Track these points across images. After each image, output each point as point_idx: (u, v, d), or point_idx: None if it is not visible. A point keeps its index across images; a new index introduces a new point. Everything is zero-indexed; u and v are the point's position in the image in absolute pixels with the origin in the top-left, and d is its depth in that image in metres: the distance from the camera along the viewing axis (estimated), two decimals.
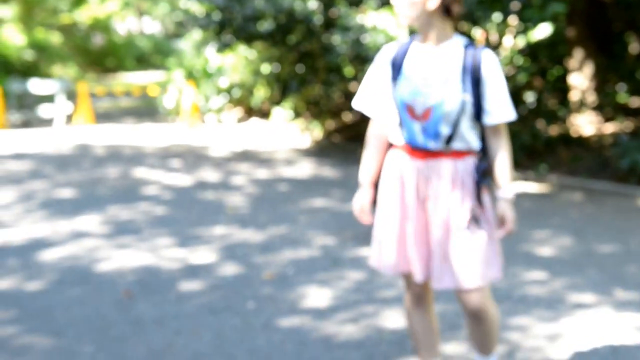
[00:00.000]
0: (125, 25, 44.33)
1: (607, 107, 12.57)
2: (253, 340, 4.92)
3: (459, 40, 3.42)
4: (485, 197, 3.44)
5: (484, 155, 3.48)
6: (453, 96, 3.30)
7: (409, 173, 3.43)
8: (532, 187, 10.32)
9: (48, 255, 6.90)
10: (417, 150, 3.40)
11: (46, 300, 5.72)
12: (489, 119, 3.39)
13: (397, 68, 3.41)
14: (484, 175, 3.43)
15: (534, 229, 7.82)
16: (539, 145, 11.53)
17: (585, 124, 12.55)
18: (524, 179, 10.73)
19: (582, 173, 10.71)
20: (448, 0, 3.27)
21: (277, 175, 11.34)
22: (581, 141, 11.98)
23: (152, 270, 6.47)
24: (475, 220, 3.42)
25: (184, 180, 10.86)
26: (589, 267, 6.55)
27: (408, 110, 3.35)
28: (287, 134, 15.94)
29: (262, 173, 11.51)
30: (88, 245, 7.23)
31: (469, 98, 3.32)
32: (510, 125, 10.91)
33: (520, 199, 9.27)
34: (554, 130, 12.17)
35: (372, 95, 3.53)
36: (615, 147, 10.49)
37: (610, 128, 12.23)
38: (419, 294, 3.66)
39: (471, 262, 3.44)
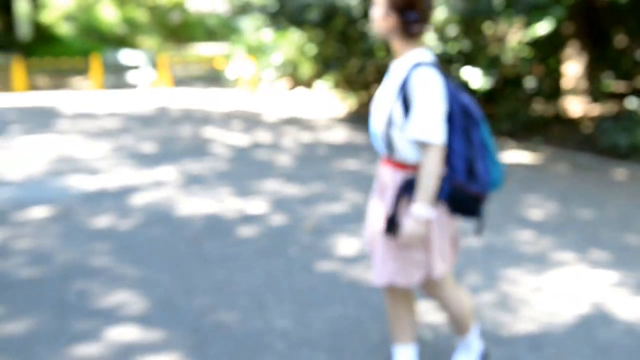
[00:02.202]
0: (198, 4, 44.04)
1: (595, 92, 12.49)
2: (294, 280, 5.02)
3: (414, 59, 3.10)
4: (403, 209, 3.16)
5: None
6: (381, 112, 3.19)
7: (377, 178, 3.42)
8: (527, 157, 10.25)
9: (135, 200, 7.04)
10: (382, 157, 3.34)
11: (134, 237, 5.87)
12: (407, 133, 3.08)
13: None
14: (405, 188, 3.15)
15: (526, 194, 7.82)
16: (535, 122, 11.54)
17: (576, 106, 12.49)
18: (522, 149, 10.75)
19: (570, 148, 10.66)
20: (405, 22, 3.07)
21: (317, 139, 11.33)
22: (571, 121, 11.91)
23: (216, 216, 6.57)
24: (389, 226, 3.17)
25: (242, 140, 10.89)
26: (570, 230, 6.55)
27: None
28: (327, 103, 15.94)
29: (305, 136, 11.52)
30: (166, 193, 7.37)
31: (398, 113, 3.09)
32: (512, 104, 10.98)
33: (516, 168, 9.34)
34: (548, 110, 12.15)
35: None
36: (599, 128, 10.46)
37: (596, 110, 12.14)
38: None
39: (381, 261, 3.29)
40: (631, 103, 10.69)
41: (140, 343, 3.98)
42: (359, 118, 13.34)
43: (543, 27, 9.72)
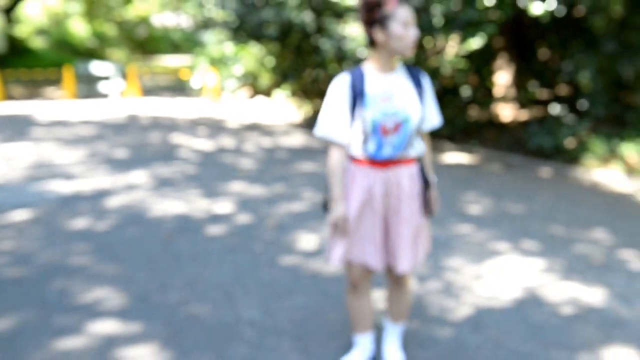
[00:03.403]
0: (162, 19, 43.75)
1: (523, 100, 12.66)
2: (260, 274, 5.02)
3: (401, 66, 3.20)
4: (426, 194, 3.30)
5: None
6: (417, 111, 3.11)
7: (375, 183, 3.18)
8: (465, 158, 10.39)
9: (110, 202, 6.95)
10: (379, 162, 3.15)
11: (110, 237, 5.81)
12: (426, 126, 3.27)
13: (360, 94, 3.09)
14: (424, 176, 3.30)
15: (464, 192, 7.92)
16: (471, 126, 11.67)
17: (506, 112, 12.65)
18: (459, 151, 10.87)
19: (502, 149, 10.79)
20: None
21: (277, 143, 11.29)
22: (502, 125, 12.05)
23: (186, 216, 6.53)
24: (429, 211, 3.32)
25: (207, 145, 10.82)
26: (504, 222, 6.66)
27: (381, 129, 3.06)
28: (284, 110, 15.91)
29: (266, 141, 11.47)
30: (139, 195, 7.29)
31: (423, 111, 3.17)
32: (451, 111, 11.08)
33: (455, 168, 9.43)
34: (483, 116, 12.29)
35: (336, 121, 3.16)
36: (527, 131, 10.61)
37: (524, 115, 12.30)
38: (363, 280, 3.42)
39: (421, 245, 3.35)
40: (554, 109, 10.86)
41: (120, 335, 3.96)
42: (313, 123, 13.31)
43: (476, 42, 9.85)
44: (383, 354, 3.70)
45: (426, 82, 3.25)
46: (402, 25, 2.99)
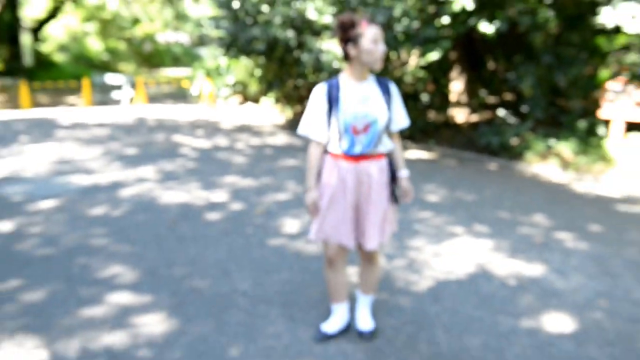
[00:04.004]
0: (165, 37, 43.45)
1: (474, 104, 12.71)
2: (251, 253, 5.02)
3: (372, 77, 3.27)
4: (393, 185, 3.37)
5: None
6: (384, 114, 3.19)
7: (347, 174, 3.23)
8: (425, 155, 10.41)
9: (123, 193, 6.91)
10: (352, 157, 3.21)
11: (123, 222, 5.78)
12: (395, 127, 3.33)
13: (335, 100, 3.18)
14: (392, 169, 3.36)
15: (424, 183, 7.93)
16: (430, 128, 11.70)
17: (460, 115, 12.70)
18: (420, 149, 10.90)
19: (456, 147, 10.83)
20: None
21: (264, 142, 11.23)
22: (456, 126, 12.10)
23: (188, 204, 6.50)
24: (394, 197, 3.39)
25: (205, 144, 10.75)
26: (458, 209, 6.69)
27: (352, 129, 3.16)
28: (270, 114, 15.88)
29: (255, 140, 11.41)
30: (147, 186, 7.25)
31: (389, 114, 3.24)
32: (412, 114, 11.10)
33: (416, 163, 9.45)
34: (439, 118, 12.32)
35: (315, 122, 3.25)
36: (477, 132, 10.66)
37: (475, 118, 12.35)
38: (339, 257, 3.44)
39: (387, 226, 3.40)
40: (500, 112, 10.93)
41: (133, 305, 3.95)
42: (295, 125, 13.29)
43: (434, 55, 9.89)
44: (356, 321, 3.71)
45: (394, 90, 3.33)
46: (372, 42, 3.10)
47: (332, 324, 3.63)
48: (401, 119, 3.37)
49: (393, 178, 3.36)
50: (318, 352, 3.43)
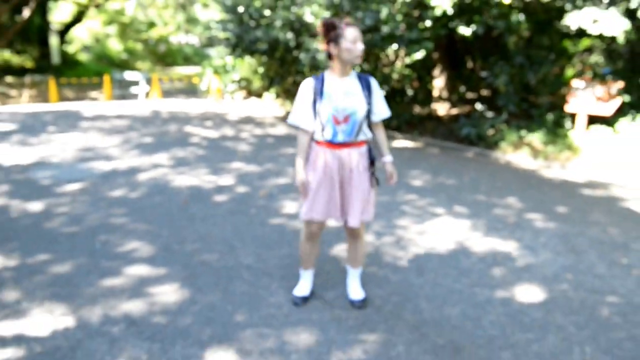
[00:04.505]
0: (178, 38, 43.19)
1: (454, 99, 12.68)
2: (255, 231, 5.00)
3: (353, 73, 3.28)
4: (372, 169, 3.37)
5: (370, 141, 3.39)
6: (362, 107, 3.21)
7: (331, 159, 3.25)
8: (410, 144, 10.38)
9: (140, 177, 6.87)
10: (335, 144, 3.23)
11: (141, 203, 5.75)
12: (376, 117, 3.33)
13: (320, 94, 3.20)
14: (372, 155, 3.38)
15: (410, 169, 7.90)
16: (414, 120, 11.65)
17: (441, 108, 12.67)
18: (406, 139, 10.86)
19: (438, 137, 10.79)
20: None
21: (266, 132, 11.15)
22: (439, 118, 12.06)
23: (198, 187, 6.46)
24: (375, 181, 3.39)
25: (213, 134, 10.67)
26: (440, 192, 6.67)
27: (334, 119, 3.18)
28: (272, 107, 15.81)
29: (258, 131, 11.32)
30: (162, 172, 7.20)
31: (368, 107, 3.24)
32: (399, 108, 11.05)
33: (402, 151, 9.42)
34: (423, 111, 12.28)
35: (302, 113, 3.25)
36: (457, 124, 10.63)
37: (455, 111, 12.33)
38: (316, 232, 3.49)
39: (368, 207, 3.39)
40: (478, 106, 10.89)
41: (149, 276, 3.93)
42: None
43: (419, 55, 9.83)
44: (348, 292, 3.71)
45: (374, 84, 3.35)
46: (351, 42, 3.14)
47: (303, 288, 3.70)
48: (382, 110, 3.36)
49: (372, 163, 3.37)
50: (315, 319, 3.41)
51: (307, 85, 3.28)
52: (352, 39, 3.13)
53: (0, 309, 3.41)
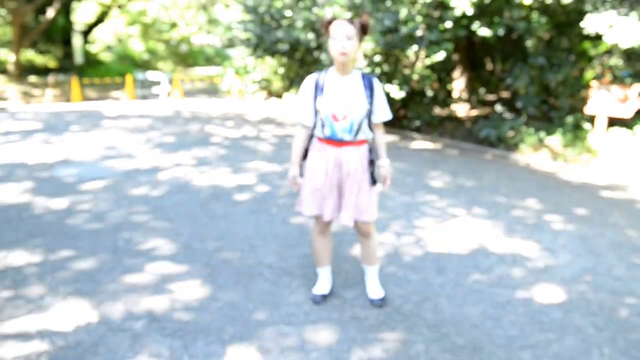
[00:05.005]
0: (199, 39, 43.42)
1: (474, 101, 12.61)
2: (275, 230, 5.00)
3: (358, 72, 3.22)
4: (371, 169, 3.31)
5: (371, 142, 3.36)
6: (361, 106, 3.16)
7: (330, 156, 3.24)
8: (430, 145, 10.35)
9: (162, 176, 6.89)
10: (335, 142, 3.21)
11: (162, 201, 5.77)
12: (375, 119, 3.27)
13: (320, 90, 3.18)
14: (372, 155, 3.32)
15: (430, 170, 7.87)
16: (434, 121, 11.61)
17: (461, 110, 12.60)
18: (425, 140, 10.82)
19: (458, 139, 10.76)
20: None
21: (286, 132, 11.14)
22: (458, 120, 12.01)
23: (219, 186, 6.48)
24: (373, 180, 3.32)
25: (234, 133, 10.69)
26: (460, 193, 6.64)
27: (332, 117, 3.15)
28: (292, 108, 15.84)
29: (278, 131, 11.33)
30: (183, 170, 7.22)
31: (368, 107, 3.18)
32: (419, 109, 11.02)
33: (422, 152, 9.38)
34: (443, 113, 12.23)
35: (302, 108, 3.26)
36: (477, 125, 10.57)
37: (475, 113, 12.27)
38: (325, 227, 3.50)
39: (371, 206, 3.35)
40: (497, 108, 10.82)
41: (171, 274, 3.95)
42: None
43: (439, 56, 9.79)
44: (367, 291, 3.70)
45: (377, 85, 3.26)
46: (332, 39, 3.10)
47: (323, 286, 3.68)
48: (382, 112, 3.30)
49: (372, 163, 3.32)
50: (335, 317, 3.41)
51: (309, 81, 3.27)
52: (334, 35, 3.08)
53: (25, 304, 3.45)
